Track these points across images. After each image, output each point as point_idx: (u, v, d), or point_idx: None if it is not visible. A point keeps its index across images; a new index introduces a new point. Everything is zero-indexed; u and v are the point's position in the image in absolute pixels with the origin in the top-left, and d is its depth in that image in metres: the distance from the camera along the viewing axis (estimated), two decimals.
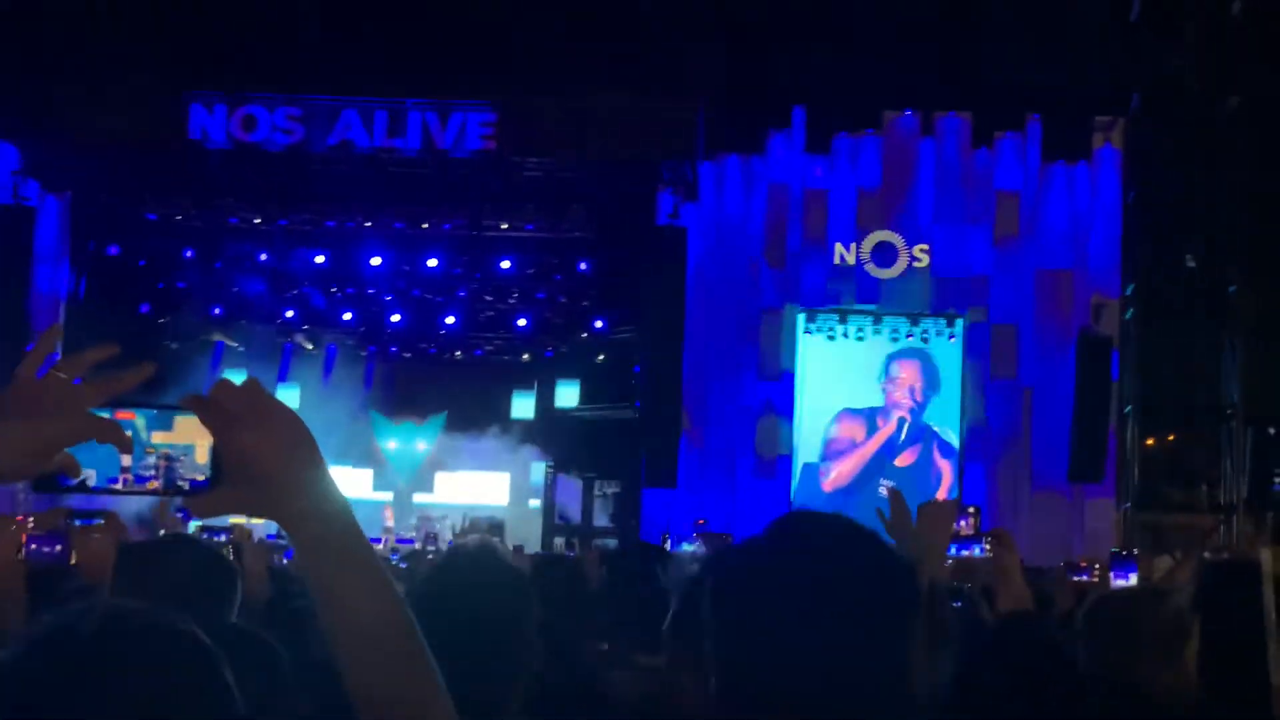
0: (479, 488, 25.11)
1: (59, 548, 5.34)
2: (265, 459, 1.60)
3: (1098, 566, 8.84)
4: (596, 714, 3.29)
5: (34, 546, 5.25)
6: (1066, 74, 19.86)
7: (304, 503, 1.61)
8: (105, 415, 1.63)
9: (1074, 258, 20.77)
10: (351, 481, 24.45)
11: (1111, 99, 20.53)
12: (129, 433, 1.65)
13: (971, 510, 4.79)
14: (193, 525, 9.54)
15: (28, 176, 20.54)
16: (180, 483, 1.68)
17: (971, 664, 3.52)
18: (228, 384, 1.62)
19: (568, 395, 24.46)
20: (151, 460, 1.69)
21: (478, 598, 2.77)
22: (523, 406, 25.25)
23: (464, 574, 2.87)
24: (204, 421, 1.61)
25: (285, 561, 8.62)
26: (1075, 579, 8.50)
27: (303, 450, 1.63)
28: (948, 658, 3.15)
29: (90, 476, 1.68)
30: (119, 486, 1.71)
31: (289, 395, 24.10)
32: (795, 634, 1.73)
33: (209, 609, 3.17)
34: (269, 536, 10.51)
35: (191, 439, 1.66)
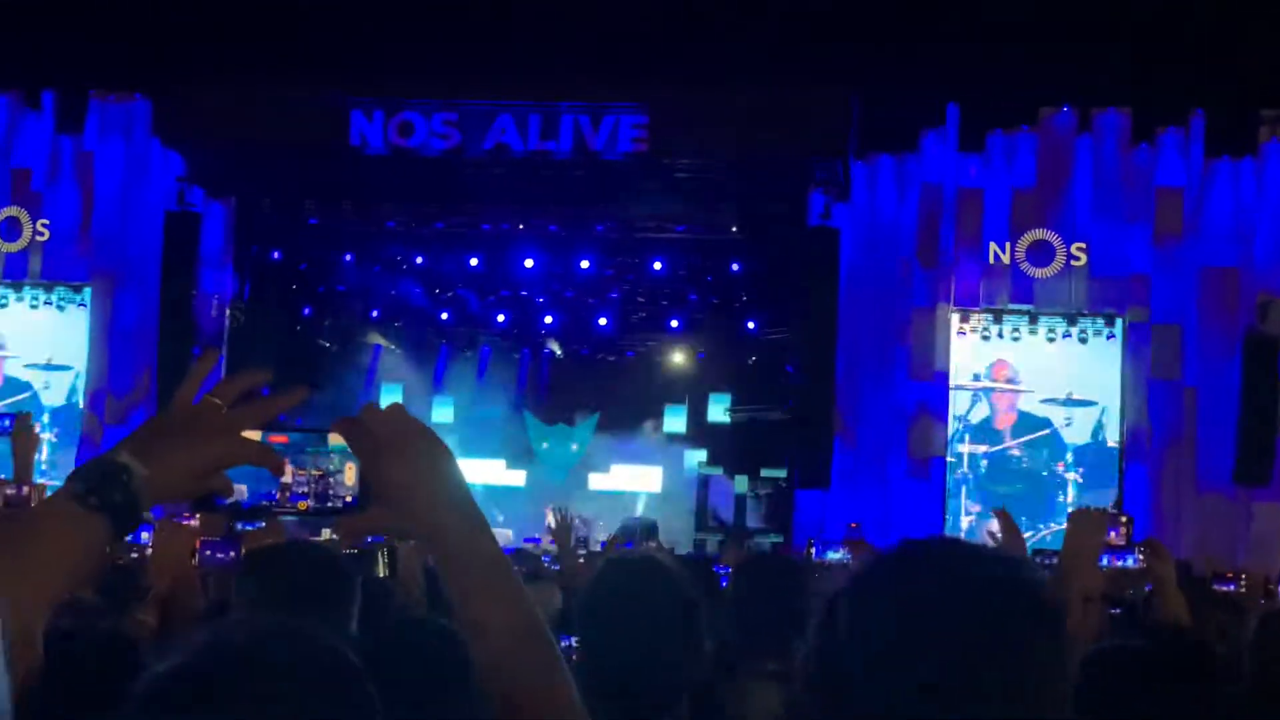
0: (632, 481, 25.24)
1: (232, 554, 5.47)
2: (410, 481, 1.70)
3: (1244, 578, 8.71)
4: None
5: (208, 553, 5.46)
6: (1233, 67, 19.44)
7: (446, 521, 1.71)
8: (258, 438, 1.74)
9: (1239, 255, 20.31)
10: (507, 478, 24.83)
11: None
12: (283, 456, 1.80)
13: (1124, 520, 4.66)
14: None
15: (193, 183, 21.13)
16: (331, 502, 1.83)
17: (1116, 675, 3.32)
18: (374, 408, 1.73)
19: (719, 410, 24.57)
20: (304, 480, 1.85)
21: (644, 609, 2.84)
22: (674, 421, 25.34)
23: (629, 583, 2.95)
24: (351, 445, 1.72)
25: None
26: (1221, 589, 8.43)
27: (445, 472, 1.72)
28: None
29: (242, 493, 1.84)
30: (273, 505, 1.86)
31: (443, 408, 24.56)
32: (935, 668, 1.67)
33: (326, 616, 3.24)
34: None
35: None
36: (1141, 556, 5.77)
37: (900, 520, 20.03)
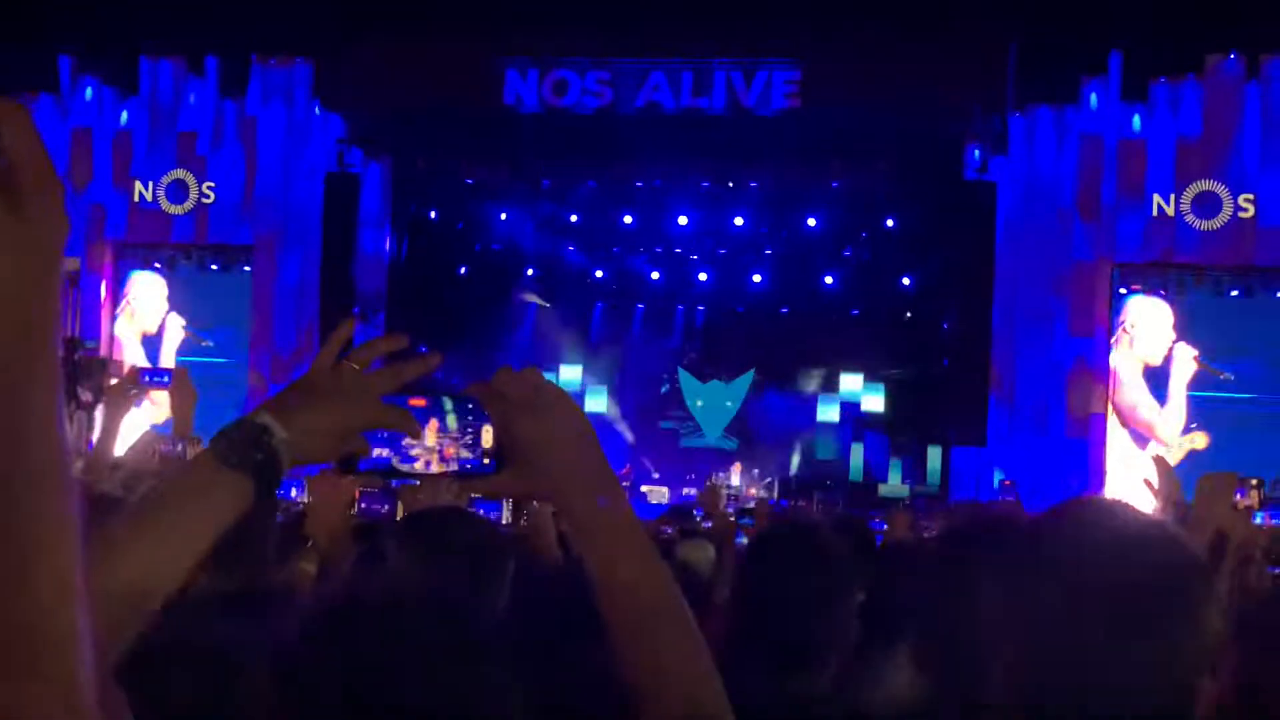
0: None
1: (387, 508, 5.84)
2: (543, 445, 1.74)
3: None
4: None
5: (364, 505, 5.80)
6: None
7: (578, 485, 1.75)
8: (397, 402, 1.80)
9: None
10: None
11: None
12: (418, 422, 1.84)
13: (1255, 483, 4.61)
14: None
15: (351, 145, 21.78)
16: (467, 466, 1.90)
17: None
18: (509, 372, 1.77)
19: (852, 378, 24.74)
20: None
21: (798, 575, 2.95)
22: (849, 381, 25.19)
23: (785, 549, 3.07)
24: (486, 408, 1.76)
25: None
26: None
27: (579, 437, 1.77)
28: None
29: (388, 456, 1.88)
30: (418, 467, 1.92)
31: (571, 373, 24.70)
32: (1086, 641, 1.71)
33: (477, 586, 3.29)
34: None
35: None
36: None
37: (1058, 479, 19.97)
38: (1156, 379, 20.84)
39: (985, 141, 20.70)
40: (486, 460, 1.82)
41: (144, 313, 22.58)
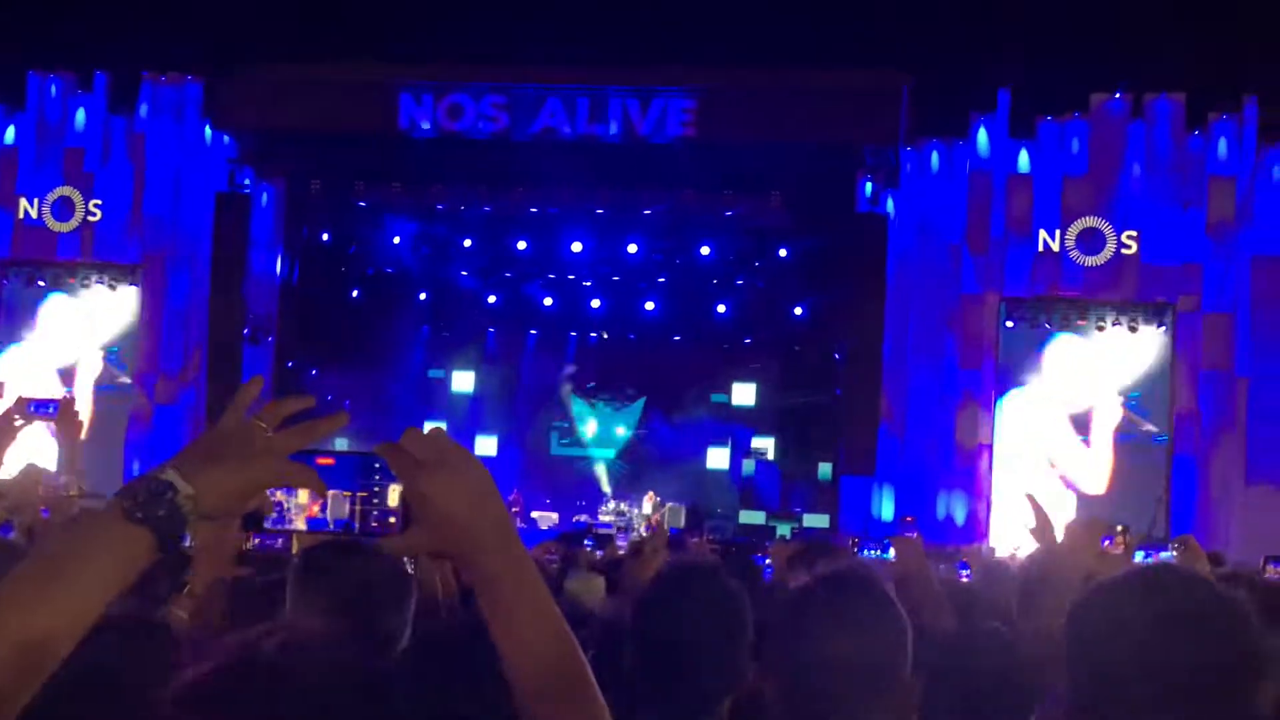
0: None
1: (281, 541, 5.65)
2: (450, 503, 1.74)
3: None
4: None
5: (259, 541, 5.88)
6: None
7: (484, 544, 1.76)
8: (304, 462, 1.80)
9: None
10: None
11: None
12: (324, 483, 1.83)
13: (1120, 529, 4.81)
14: None
15: (243, 165, 21.66)
16: (374, 523, 1.91)
17: None
18: (416, 432, 1.77)
19: (743, 394, 24.89)
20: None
21: (697, 616, 2.99)
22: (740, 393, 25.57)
23: (685, 590, 3.11)
24: (393, 467, 1.76)
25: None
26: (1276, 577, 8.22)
27: (483, 495, 1.77)
28: None
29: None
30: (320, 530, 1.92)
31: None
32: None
33: (379, 617, 3.37)
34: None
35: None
36: (1176, 552, 5.92)
37: (946, 510, 20.60)
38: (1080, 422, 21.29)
39: (878, 175, 21.05)
40: (392, 520, 1.72)
41: (56, 341, 22.20)
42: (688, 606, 3.01)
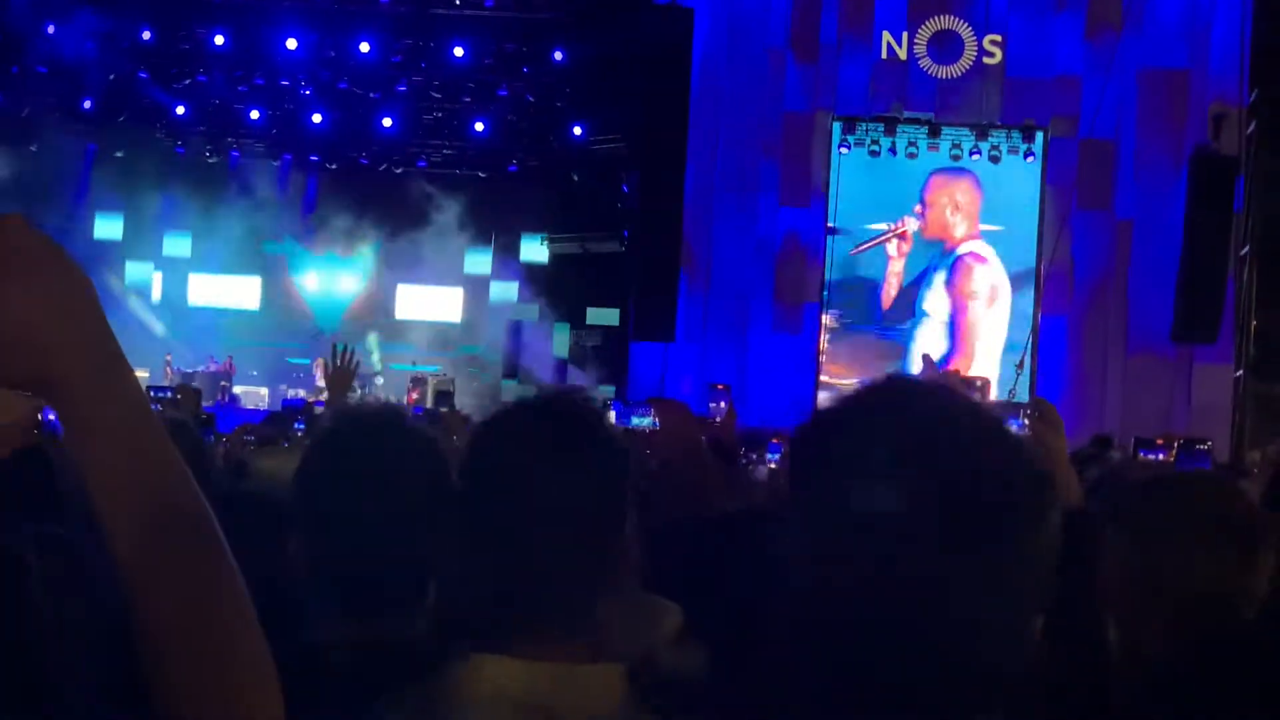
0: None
1: None
2: (23, 314, 1.52)
3: (1176, 445, 8.61)
4: None
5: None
6: None
7: (73, 366, 1.54)
8: None
9: (1190, 55, 19.25)
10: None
11: None
12: None
13: (980, 383, 5.19)
14: None
15: None
16: None
17: None
18: None
19: (534, 248, 23.65)
20: None
21: (379, 479, 2.71)
22: (477, 262, 24.39)
23: (360, 445, 2.81)
24: None
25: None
26: (1149, 457, 8.38)
27: (74, 304, 1.54)
28: None
29: None
30: None
31: (178, 239, 23.66)
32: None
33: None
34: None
35: None
36: (1027, 421, 5.44)
37: (762, 382, 19.47)
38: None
39: None
40: None
41: None
42: (358, 470, 2.75)
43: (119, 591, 1.67)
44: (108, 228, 23.37)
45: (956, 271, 19.62)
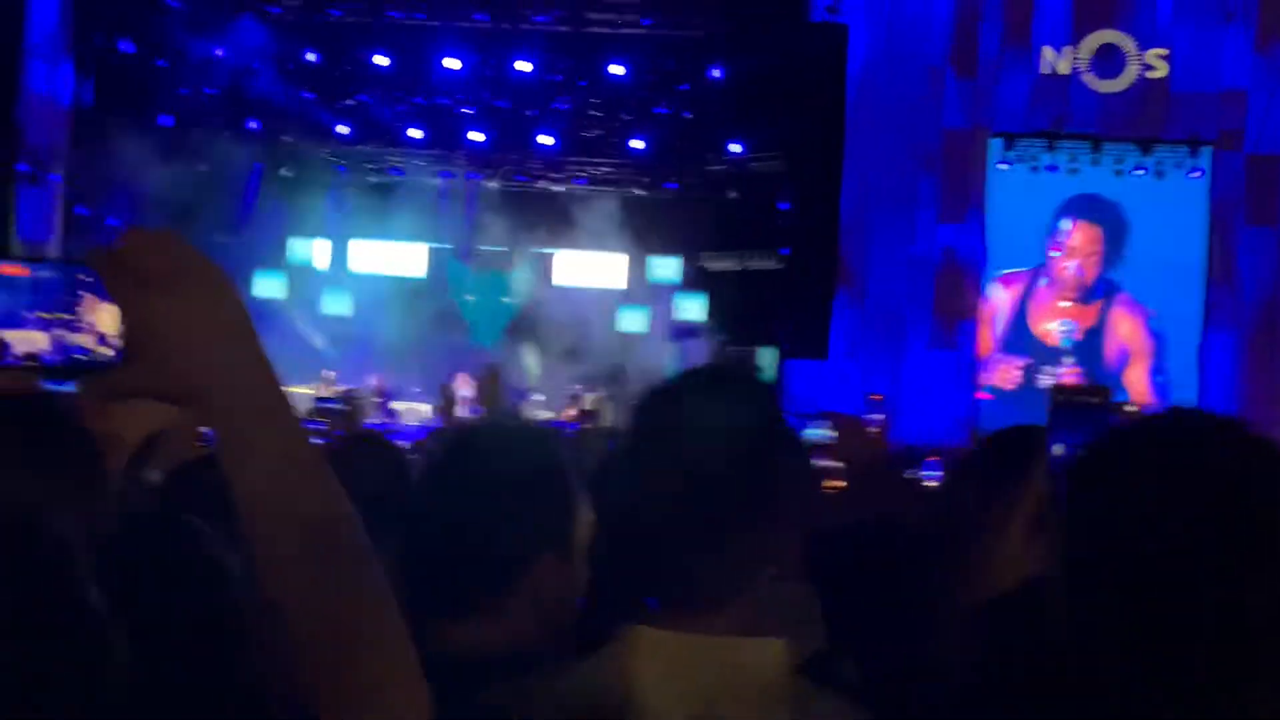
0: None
1: None
2: (179, 330, 1.57)
3: None
4: None
5: None
6: None
7: (226, 385, 1.59)
8: None
9: None
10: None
11: None
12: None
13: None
14: None
15: None
16: (79, 357, 1.70)
17: None
18: (139, 234, 1.59)
19: (665, 269, 23.71)
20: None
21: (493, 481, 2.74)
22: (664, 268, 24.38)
23: (477, 452, 2.84)
24: (107, 282, 1.60)
25: None
26: None
27: (233, 325, 1.60)
28: None
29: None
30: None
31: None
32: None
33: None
34: None
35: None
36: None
37: (918, 400, 19.72)
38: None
39: None
40: (111, 352, 1.66)
41: None
42: (475, 473, 2.82)
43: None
44: (281, 248, 24.19)
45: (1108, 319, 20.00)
